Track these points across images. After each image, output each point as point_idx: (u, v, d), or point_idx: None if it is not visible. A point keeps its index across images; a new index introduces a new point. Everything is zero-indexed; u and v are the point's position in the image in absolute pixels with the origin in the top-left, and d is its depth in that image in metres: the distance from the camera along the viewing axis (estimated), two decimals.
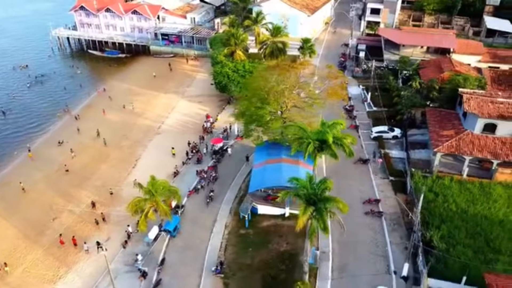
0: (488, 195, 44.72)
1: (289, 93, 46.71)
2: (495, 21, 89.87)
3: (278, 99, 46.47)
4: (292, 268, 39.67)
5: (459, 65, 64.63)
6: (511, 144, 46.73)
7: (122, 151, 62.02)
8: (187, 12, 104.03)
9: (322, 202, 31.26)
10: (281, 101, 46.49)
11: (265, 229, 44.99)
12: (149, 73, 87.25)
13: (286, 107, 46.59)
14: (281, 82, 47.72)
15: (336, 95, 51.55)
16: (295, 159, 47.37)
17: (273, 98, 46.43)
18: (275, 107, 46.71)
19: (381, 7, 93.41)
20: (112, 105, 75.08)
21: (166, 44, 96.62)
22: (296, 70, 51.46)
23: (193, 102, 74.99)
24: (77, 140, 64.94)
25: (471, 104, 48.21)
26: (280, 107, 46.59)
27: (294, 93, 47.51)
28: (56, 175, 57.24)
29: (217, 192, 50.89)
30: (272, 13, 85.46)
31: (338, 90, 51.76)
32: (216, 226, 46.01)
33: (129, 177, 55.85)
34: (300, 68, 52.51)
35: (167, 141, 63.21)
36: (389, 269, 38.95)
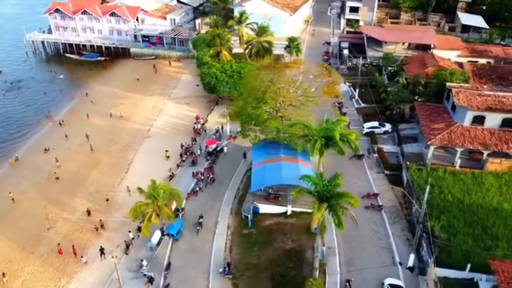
0: (481, 185, 46.38)
1: (286, 91, 47.02)
2: (468, 17, 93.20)
3: (275, 98, 46.69)
4: (300, 265, 40.00)
5: (442, 61, 66.74)
6: (499, 135, 48.66)
7: (112, 156, 60.82)
8: (166, 13, 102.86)
9: (335, 198, 31.70)
10: (278, 100, 46.72)
11: (268, 228, 45.15)
12: (132, 76, 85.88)
13: (283, 106, 46.81)
14: (277, 81, 47.96)
15: (331, 92, 52.30)
16: (294, 157, 47.86)
17: (270, 97, 46.61)
18: (272, 106, 46.91)
19: (360, 5, 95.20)
20: (96, 109, 73.51)
21: (147, 46, 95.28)
22: (291, 69, 51.82)
23: (180, 103, 74.32)
24: (65, 147, 63.27)
25: (460, 97, 49.89)
26: (277, 106, 46.77)
27: (291, 92, 47.86)
28: (46, 183, 55.59)
29: (215, 194, 50.71)
30: (254, 12, 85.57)
31: (333, 88, 52.50)
32: (218, 227, 45.84)
33: (123, 182, 54.92)
34: (294, 67, 52.88)
35: (158, 144, 62.44)
36: (394, 260, 39.87)
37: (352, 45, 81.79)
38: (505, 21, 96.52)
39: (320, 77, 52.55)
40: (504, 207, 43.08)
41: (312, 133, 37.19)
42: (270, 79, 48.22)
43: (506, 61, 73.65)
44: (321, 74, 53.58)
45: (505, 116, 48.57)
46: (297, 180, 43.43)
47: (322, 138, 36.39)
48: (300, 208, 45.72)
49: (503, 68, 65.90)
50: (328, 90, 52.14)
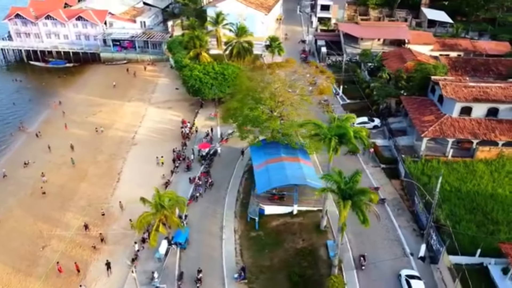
0: (474, 173, 48.44)
1: (284, 91, 46.98)
2: (433, 12, 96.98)
3: (274, 98, 46.52)
4: (315, 263, 40.12)
5: (419, 55, 69.18)
6: (486, 124, 51.03)
7: (99, 166, 58.38)
8: (135, 16, 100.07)
9: (358, 195, 32.02)
10: (277, 100, 46.59)
11: (276, 229, 44.95)
12: (106, 82, 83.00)
13: (282, 105, 46.75)
14: (273, 81, 47.82)
15: (327, 90, 52.86)
16: (295, 157, 48.04)
17: (268, 98, 46.39)
18: (271, 106, 46.71)
19: (331, 3, 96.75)
20: (74, 118, 70.37)
21: (118, 50, 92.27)
22: (285, 68, 51.86)
23: (162, 108, 72.55)
24: (45, 159, 60.03)
25: (448, 90, 51.85)
26: (277, 106, 46.64)
27: (290, 91, 47.86)
28: (31, 199, 52.52)
29: (216, 198, 49.92)
30: (229, 13, 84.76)
31: (330, 86, 53.09)
32: (225, 232, 45.12)
33: (115, 193, 52.90)
34: (288, 67, 52.91)
35: (146, 151, 60.64)
36: (405, 251, 40.85)
37: (328, 42, 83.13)
38: (466, 16, 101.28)
39: (315, 75, 52.81)
40: (499, 192, 45.21)
41: (324, 132, 37.30)
42: (267, 79, 47.93)
43: (474, 53, 77.38)
44: (314, 73, 53.90)
45: (490, 106, 51.00)
46: (303, 179, 44.12)
47: (335, 136, 36.61)
48: (306, 207, 45.88)
49: (475, 60, 69.12)
50: (324, 88, 52.63)
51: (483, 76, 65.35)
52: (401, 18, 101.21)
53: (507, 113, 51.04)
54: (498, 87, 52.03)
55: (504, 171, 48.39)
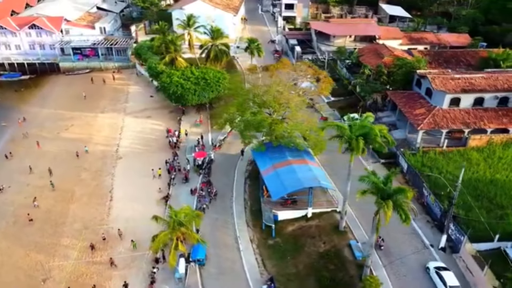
0: (469, 161, 50.52)
1: (288, 93, 46.21)
2: (392, 8, 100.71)
3: (277, 101, 45.58)
4: (342, 265, 39.78)
5: (394, 50, 71.23)
6: (474, 114, 53.49)
7: (86, 185, 54.26)
8: (92, 21, 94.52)
9: (397, 194, 32.01)
10: (281, 102, 45.70)
11: (293, 234, 44.12)
12: (70, 93, 77.74)
13: (286, 108, 45.93)
14: (275, 83, 46.90)
15: (327, 90, 52.75)
16: (301, 159, 47.47)
17: (273, 101, 45.38)
18: (276, 110, 45.77)
19: (295, 2, 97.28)
20: (44, 135, 64.97)
21: (80, 59, 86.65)
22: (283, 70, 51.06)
23: (140, 118, 69.01)
24: (22, 182, 54.82)
25: (437, 82, 53.72)
26: (281, 108, 45.74)
27: (292, 93, 47.17)
28: (16, 228, 47.67)
29: (222, 208, 48.18)
30: (197, 15, 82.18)
31: (328, 85, 52.98)
32: (241, 242, 43.58)
33: (112, 212, 49.51)
34: (287, 68, 52.06)
35: (135, 164, 57.41)
36: (425, 244, 41.66)
37: (300, 41, 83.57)
38: (421, 10, 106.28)
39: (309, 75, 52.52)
40: (498, 178, 47.50)
41: (346, 133, 36.98)
42: (267, 81, 46.92)
43: (439, 46, 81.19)
44: (312, 73, 53.56)
45: (476, 96, 53.52)
46: (317, 181, 43.67)
47: (359, 136, 36.40)
48: (319, 209, 45.47)
49: (446, 53, 72.37)
50: (325, 87, 52.47)
51: (455, 67, 68.41)
52: (361, 15, 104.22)
53: (491, 101, 53.85)
54: (481, 78, 54.72)
55: (496, 157, 50.90)
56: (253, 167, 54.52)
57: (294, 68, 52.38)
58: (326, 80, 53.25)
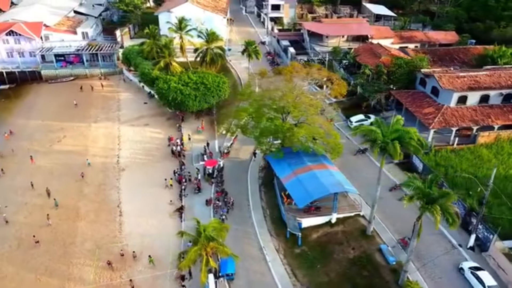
0: (480, 158, 51.15)
1: (305, 97, 45.22)
2: (376, 7, 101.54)
3: (296, 106, 44.49)
4: (376, 271, 39.09)
5: (390, 49, 71.57)
6: (481, 111, 54.26)
7: (90, 200, 51.34)
8: (72, 26, 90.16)
9: (443, 198, 31.58)
10: (302, 107, 44.64)
11: (318, 241, 43.14)
12: (58, 102, 73.87)
13: (305, 112, 44.91)
14: (290, 88, 45.79)
15: (343, 92, 52.09)
16: (321, 164, 46.60)
17: (292, 106, 44.25)
18: (295, 114, 44.67)
19: (282, 2, 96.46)
20: (36, 148, 61.21)
21: (63, 66, 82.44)
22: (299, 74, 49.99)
23: (137, 126, 66.19)
24: (20, 201, 51.28)
25: (444, 81, 54.13)
26: (301, 114, 44.69)
27: (311, 97, 46.19)
28: (21, 252, 44.41)
29: (241, 218, 46.65)
30: (188, 18, 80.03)
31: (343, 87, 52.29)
32: (267, 253, 42.24)
33: (124, 228, 47.05)
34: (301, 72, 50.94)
35: (139, 175, 54.98)
36: (453, 243, 41.64)
37: (291, 42, 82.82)
38: (403, 8, 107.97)
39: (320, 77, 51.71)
40: (511, 173, 48.26)
41: (380, 137, 36.24)
42: (284, 86, 45.72)
43: (429, 44, 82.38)
44: (322, 74, 52.72)
45: (482, 93, 54.30)
46: (341, 186, 42.92)
47: (394, 140, 35.77)
48: (343, 214, 44.72)
49: (439, 50, 73.39)
50: (339, 89, 51.75)
51: (449, 65, 69.52)
52: (346, 14, 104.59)
53: (496, 98, 54.78)
54: (485, 75, 55.57)
55: (505, 153, 51.75)
56: (266, 173, 53.31)
57: (308, 72, 51.32)
58: (340, 82, 52.56)
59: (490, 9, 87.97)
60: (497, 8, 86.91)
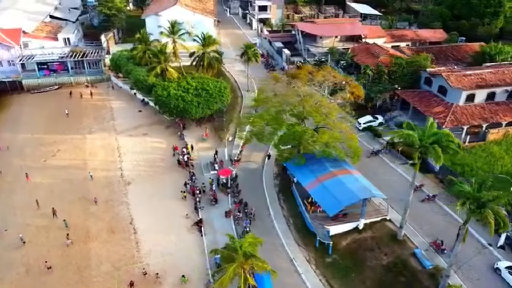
0: (492, 155, 51.79)
1: (326, 101, 44.14)
2: (362, 6, 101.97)
3: (318, 110, 43.33)
4: (413, 276, 38.58)
5: (387, 49, 71.72)
6: (488, 108, 55.01)
7: (99, 218, 48.22)
8: (52, 32, 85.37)
9: (495, 202, 31.20)
10: (323, 111, 43.51)
11: (348, 249, 42.24)
12: (45, 113, 69.50)
13: (326, 117, 43.83)
14: (309, 94, 44.61)
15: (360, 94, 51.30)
16: (344, 169, 45.75)
17: (314, 111, 43.04)
18: (318, 119, 43.49)
19: (269, 3, 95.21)
20: (29, 164, 57.05)
21: (46, 75, 77.81)
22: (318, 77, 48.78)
23: (136, 136, 63.08)
24: (21, 223, 47.44)
25: (453, 80, 54.49)
26: (322, 119, 43.55)
27: (332, 101, 45.14)
28: (32, 279, 41.00)
29: (264, 229, 44.89)
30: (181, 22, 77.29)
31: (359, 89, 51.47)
32: (298, 264, 40.95)
33: (141, 247, 44.36)
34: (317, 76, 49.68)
35: (147, 189, 52.29)
36: (482, 243, 41.67)
37: (284, 43, 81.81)
38: (386, 7, 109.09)
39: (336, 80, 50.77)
40: None
41: (417, 141, 35.55)
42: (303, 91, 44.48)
43: (420, 42, 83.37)
44: (336, 77, 51.77)
45: (489, 91, 55.06)
46: (369, 192, 42.20)
47: (433, 144, 35.17)
48: (369, 219, 43.98)
49: (432, 49, 74.10)
50: (357, 91, 50.93)
51: (444, 63, 70.48)
52: (332, 14, 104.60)
53: (502, 95, 55.76)
54: (489, 73, 56.41)
55: None
56: (281, 180, 51.98)
57: (323, 75, 50.26)
58: (356, 84, 51.82)
59: (473, 7, 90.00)
60: (479, 6, 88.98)
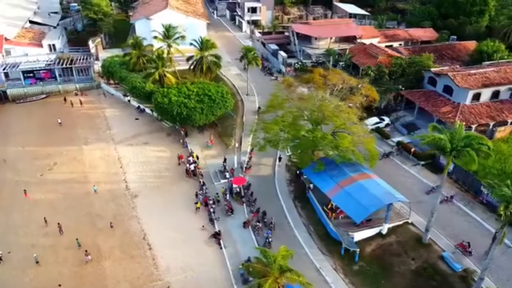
0: (501, 153, 52.24)
1: (345, 106, 43.30)
2: (350, 6, 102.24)
3: (338, 115, 42.43)
4: (444, 280, 38.19)
5: (384, 49, 71.85)
6: (494, 107, 55.64)
7: (109, 235, 45.74)
8: (34, 38, 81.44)
9: None
10: (343, 116, 42.63)
11: (374, 255, 41.52)
12: (35, 124, 66.13)
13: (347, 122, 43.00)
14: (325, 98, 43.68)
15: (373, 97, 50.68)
16: (363, 173, 45.09)
17: (334, 116, 42.11)
18: (338, 124, 42.58)
19: (259, 5, 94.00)
20: (26, 179, 53.84)
21: (32, 83, 73.98)
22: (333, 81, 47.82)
23: (136, 145, 60.59)
24: (24, 243, 44.50)
25: (459, 80, 54.77)
26: (344, 124, 42.68)
27: (350, 104, 44.32)
28: None
29: (286, 239, 43.56)
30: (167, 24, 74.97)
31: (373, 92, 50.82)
32: (325, 274, 39.87)
33: (159, 263, 42.29)
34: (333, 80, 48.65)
35: (156, 201, 50.17)
36: (505, 243, 41.61)
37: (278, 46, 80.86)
38: (372, 7, 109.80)
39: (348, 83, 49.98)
40: None
41: (448, 145, 35.03)
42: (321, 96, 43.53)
43: (412, 41, 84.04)
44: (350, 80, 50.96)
45: (493, 90, 55.66)
46: (394, 196, 41.67)
47: (465, 147, 34.75)
48: (392, 223, 43.43)
49: (428, 48, 74.80)
50: (372, 94, 50.26)
51: (440, 62, 71.18)
52: (320, 14, 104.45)
53: (505, 93, 56.53)
54: (492, 71, 57.03)
55: None
56: (296, 187, 50.84)
57: (339, 78, 49.35)
58: (369, 87, 51.24)
59: (460, 5, 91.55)
60: (466, 4, 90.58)
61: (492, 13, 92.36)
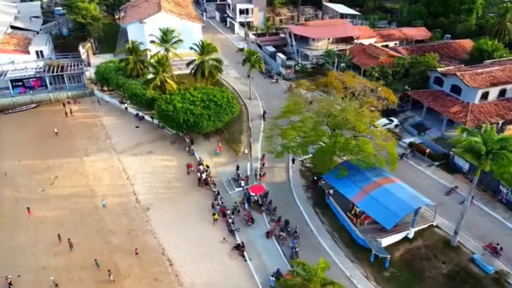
0: None
1: (367, 110, 42.54)
2: (340, 6, 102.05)
3: (361, 120, 41.63)
4: (478, 283, 37.87)
5: (384, 49, 71.79)
6: (502, 105, 56.13)
7: (126, 252, 43.45)
8: (19, 44, 77.60)
9: None
10: (365, 120, 41.87)
11: (403, 260, 40.91)
12: (29, 136, 62.91)
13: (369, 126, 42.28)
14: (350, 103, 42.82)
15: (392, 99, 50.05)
16: (386, 177, 44.37)
17: (357, 120, 41.28)
18: (362, 129, 41.77)
19: (251, 6, 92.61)
20: (26, 196, 50.88)
21: (22, 92, 70.27)
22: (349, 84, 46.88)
23: (141, 155, 58.24)
24: (34, 266, 41.84)
25: (468, 79, 54.97)
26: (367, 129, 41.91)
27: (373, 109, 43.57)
28: None
29: (311, 247, 42.59)
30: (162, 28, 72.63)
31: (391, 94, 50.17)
32: (357, 282, 38.99)
33: (183, 279, 40.50)
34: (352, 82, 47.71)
35: (170, 213, 48.31)
36: None
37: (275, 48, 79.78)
38: (361, 6, 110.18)
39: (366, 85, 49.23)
40: None
41: (482, 148, 34.60)
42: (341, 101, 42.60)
43: (406, 41, 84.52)
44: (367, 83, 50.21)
45: (500, 88, 56.15)
46: (421, 200, 41.18)
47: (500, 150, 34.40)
48: (418, 227, 42.95)
49: (425, 47, 75.27)
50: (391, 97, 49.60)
51: (439, 61, 71.44)
52: (310, 14, 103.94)
53: (511, 92, 56.97)
54: (498, 70, 57.56)
55: None
56: (313, 193, 49.80)
57: (355, 81, 48.52)
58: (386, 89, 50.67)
59: (448, 4, 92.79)
60: (454, 3, 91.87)
61: (480, 11, 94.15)
